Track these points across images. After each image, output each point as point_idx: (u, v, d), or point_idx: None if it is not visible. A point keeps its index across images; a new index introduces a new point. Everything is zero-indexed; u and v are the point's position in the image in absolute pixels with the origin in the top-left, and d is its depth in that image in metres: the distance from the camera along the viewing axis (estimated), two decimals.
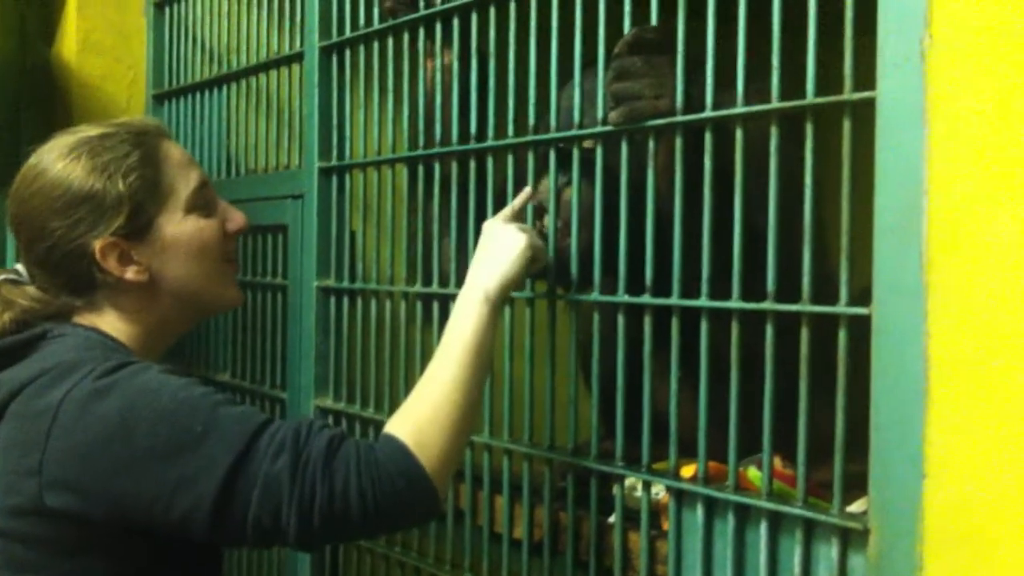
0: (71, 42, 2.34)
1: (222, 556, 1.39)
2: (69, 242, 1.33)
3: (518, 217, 1.39)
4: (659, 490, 1.28)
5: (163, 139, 1.42)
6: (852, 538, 1.02)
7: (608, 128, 1.26)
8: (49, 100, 2.37)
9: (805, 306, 1.05)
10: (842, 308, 1.01)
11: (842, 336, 1.02)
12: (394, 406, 1.63)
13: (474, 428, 1.32)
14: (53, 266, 1.35)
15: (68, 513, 1.19)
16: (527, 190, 1.39)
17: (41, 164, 1.37)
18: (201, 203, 1.41)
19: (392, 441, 1.17)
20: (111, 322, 1.37)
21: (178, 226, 1.39)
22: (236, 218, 1.47)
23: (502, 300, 1.28)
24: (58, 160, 1.36)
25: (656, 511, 1.27)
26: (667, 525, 1.22)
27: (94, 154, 1.35)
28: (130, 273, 1.35)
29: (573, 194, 1.35)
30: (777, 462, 1.29)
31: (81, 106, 2.37)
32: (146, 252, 1.36)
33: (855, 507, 1.18)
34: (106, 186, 1.34)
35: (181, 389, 1.20)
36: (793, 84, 1.09)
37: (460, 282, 1.48)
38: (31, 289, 1.36)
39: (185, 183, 1.40)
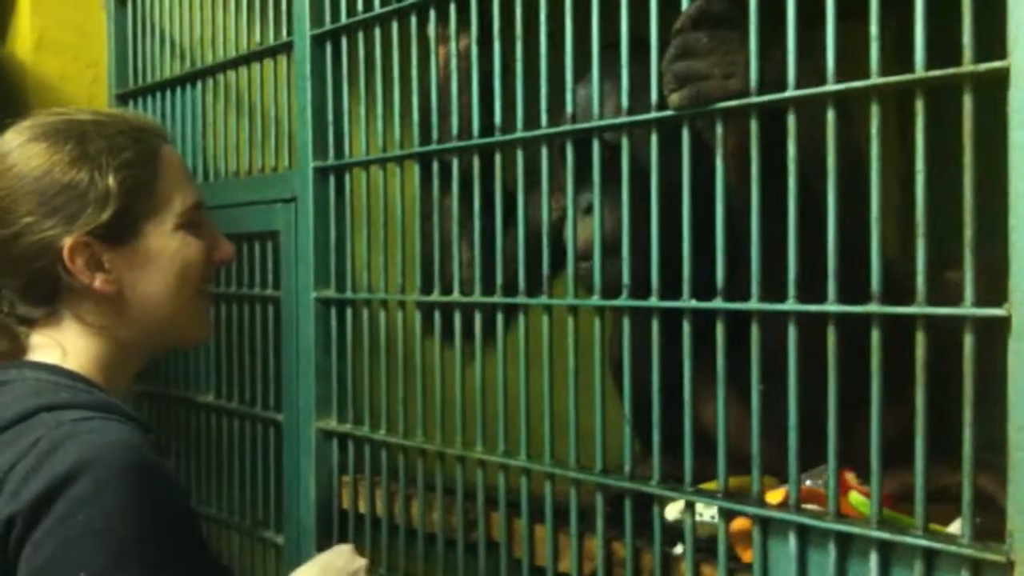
0: (25, 41, 2.17)
1: None
2: (37, 233, 1.18)
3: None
4: (708, 513, 1.16)
5: (163, 142, 1.27)
6: (985, 570, 0.90)
7: (666, 113, 1.12)
8: (3, 103, 2.19)
9: (922, 308, 0.92)
10: (969, 309, 0.89)
11: (968, 341, 0.89)
12: (407, 427, 1.50)
13: None
14: (12, 260, 1.20)
15: None
16: None
17: (19, 140, 1.21)
18: (194, 222, 1.28)
19: None
20: (72, 339, 1.22)
21: (165, 239, 1.24)
22: (225, 248, 1.34)
23: None
24: (41, 139, 1.20)
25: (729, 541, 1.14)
26: (748, 557, 1.09)
27: (84, 140, 1.20)
28: (98, 281, 1.20)
29: (595, 214, 1.23)
30: (851, 478, 1.18)
31: (38, 109, 2.19)
32: (121, 261, 1.22)
33: (953, 528, 1.07)
34: (93, 177, 1.19)
35: (140, 519, 1.05)
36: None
37: (485, 289, 1.35)
38: None
39: (183, 197, 1.26)
